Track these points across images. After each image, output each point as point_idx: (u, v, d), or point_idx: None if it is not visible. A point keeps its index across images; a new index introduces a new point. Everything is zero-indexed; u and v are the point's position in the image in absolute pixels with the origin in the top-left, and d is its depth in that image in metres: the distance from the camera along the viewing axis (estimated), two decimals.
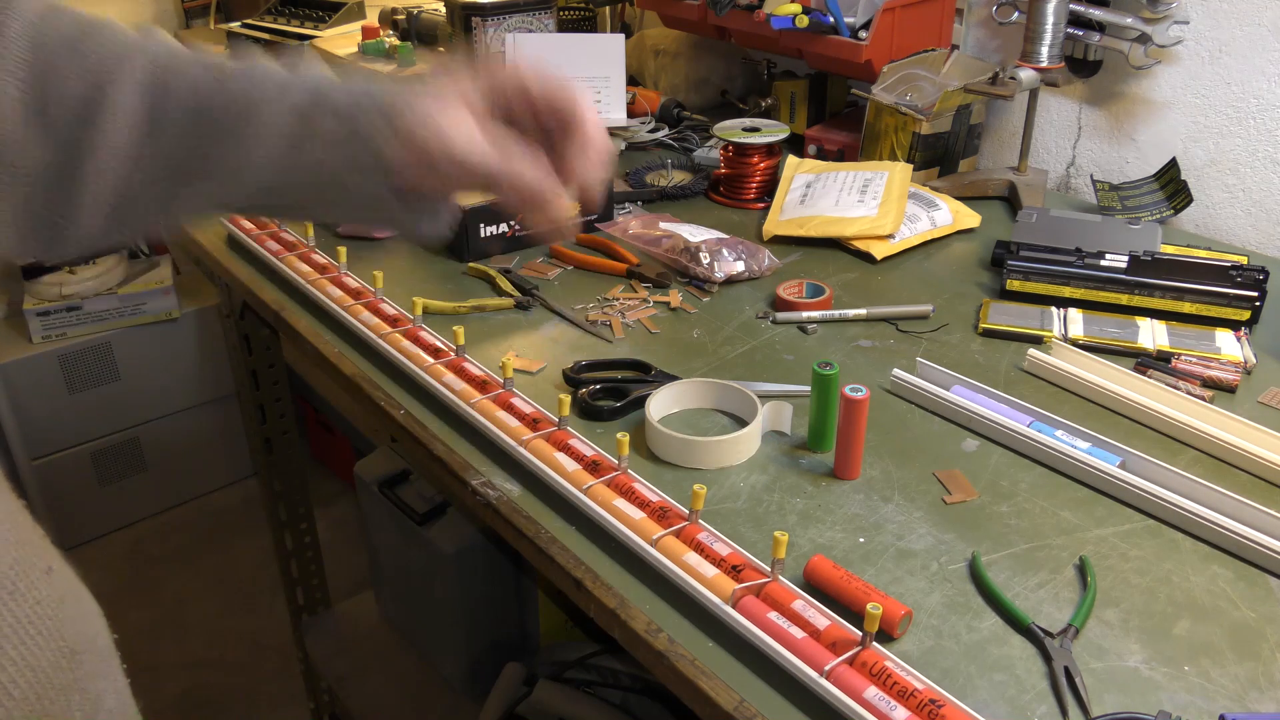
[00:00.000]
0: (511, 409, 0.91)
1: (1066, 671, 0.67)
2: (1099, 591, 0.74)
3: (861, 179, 1.33)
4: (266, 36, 2.03)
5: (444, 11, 1.68)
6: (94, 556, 2.42)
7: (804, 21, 1.41)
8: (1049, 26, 1.31)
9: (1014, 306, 1.11)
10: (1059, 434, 0.88)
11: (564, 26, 1.92)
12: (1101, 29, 1.35)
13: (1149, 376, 0.97)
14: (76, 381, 2.31)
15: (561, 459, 0.85)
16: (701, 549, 0.75)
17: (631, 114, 1.67)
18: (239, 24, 2.16)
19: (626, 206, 1.40)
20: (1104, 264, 1.11)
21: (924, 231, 1.28)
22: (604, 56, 1.60)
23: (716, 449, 0.87)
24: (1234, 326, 1.07)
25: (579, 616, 1.64)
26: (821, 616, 0.69)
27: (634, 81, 1.83)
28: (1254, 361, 1.01)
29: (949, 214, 1.32)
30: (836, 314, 1.10)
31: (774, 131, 1.40)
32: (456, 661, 1.60)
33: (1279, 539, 0.76)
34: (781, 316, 1.11)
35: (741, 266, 1.19)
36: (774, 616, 0.69)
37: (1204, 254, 1.15)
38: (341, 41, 1.88)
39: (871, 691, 0.63)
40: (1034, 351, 1.02)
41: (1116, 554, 0.78)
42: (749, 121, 1.43)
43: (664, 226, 1.26)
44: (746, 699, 0.66)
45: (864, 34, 1.42)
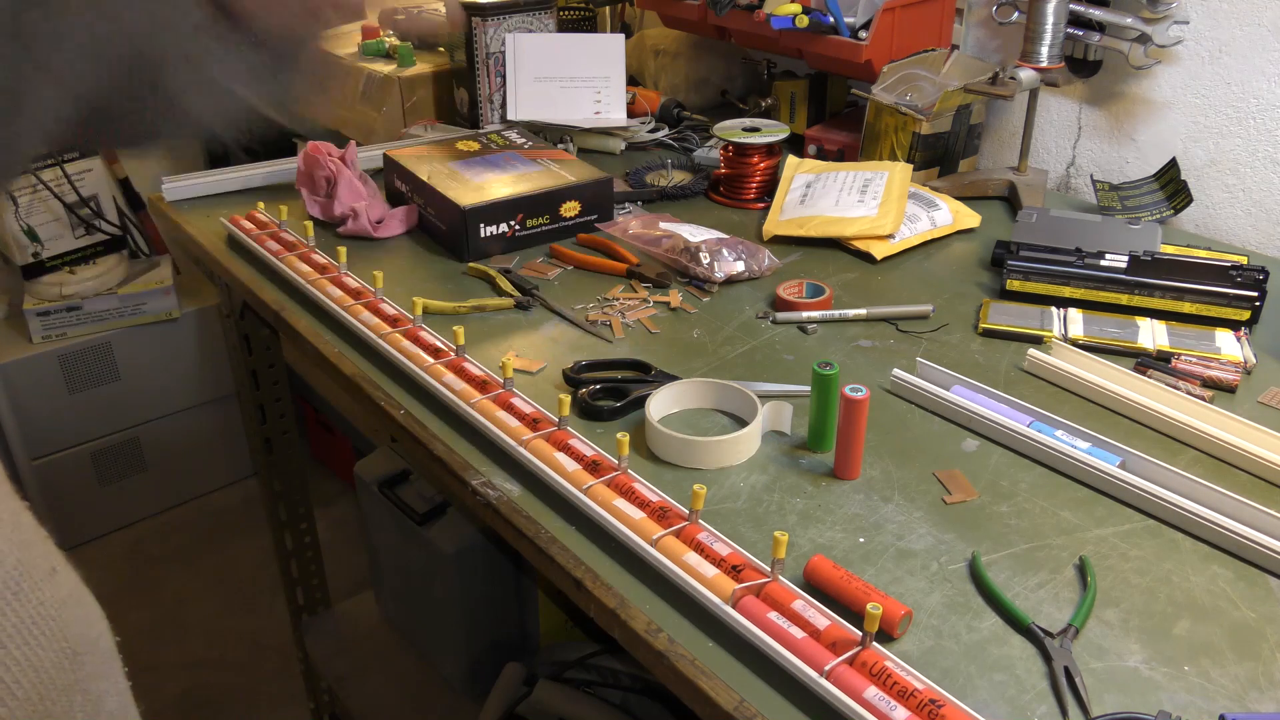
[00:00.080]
0: (511, 409, 0.91)
1: (1066, 671, 0.67)
2: (1099, 591, 0.74)
3: (861, 179, 1.33)
4: None
5: (444, 11, 1.68)
6: (94, 556, 2.42)
7: (804, 21, 1.41)
8: (1049, 26, 1.31)
9: (1014, 306, 1.11)
10: (1059, 434, 0.88)
11: (564, 26, 1.92)
12: (1101, 29, 1.35)
13: (1149, 376, 0.97)
14: (76, 381, 2.31)
15: (561, 459, 0.85)
16: (701, 549, 0.75)
17: (631, 114, 1.67)
18: None
19: (626, 206, 1.40)
20: (1104, 264, 1.11)
21: (924, 231, 1.28)
22: (604, 56, 1.60)
23: (716, 449, 0.87)
24: (1234, 326, 1.07)
25: (579, 616, 1.64)
26: (821, 616, 0.69)
27: (634, 81, 1.83)
28: (1254, 361, 1.01)
29: (949, 214, 1.32)
30: (836, 314, 1.10)
31: (774, 131, 1.40)
32: (456, 661, 1.60)
33: (1279, 539, 0.76)
34: (781, 316, 1.11)
35: (741, 266, 1.19)
36: (774, 616, 0.69)
37: (1204, 254, 1.15)
38: (341, 41, 1.88)
39: (871, 691, 0.63)
40: (1034, 351, 1.02)
41: (1116, 554, 0.78)
42: (749, 121, 1.43)
43: (664, 226, 1.26)
44: (746, 699, 0.66)
45: (864, 34, 1.42)
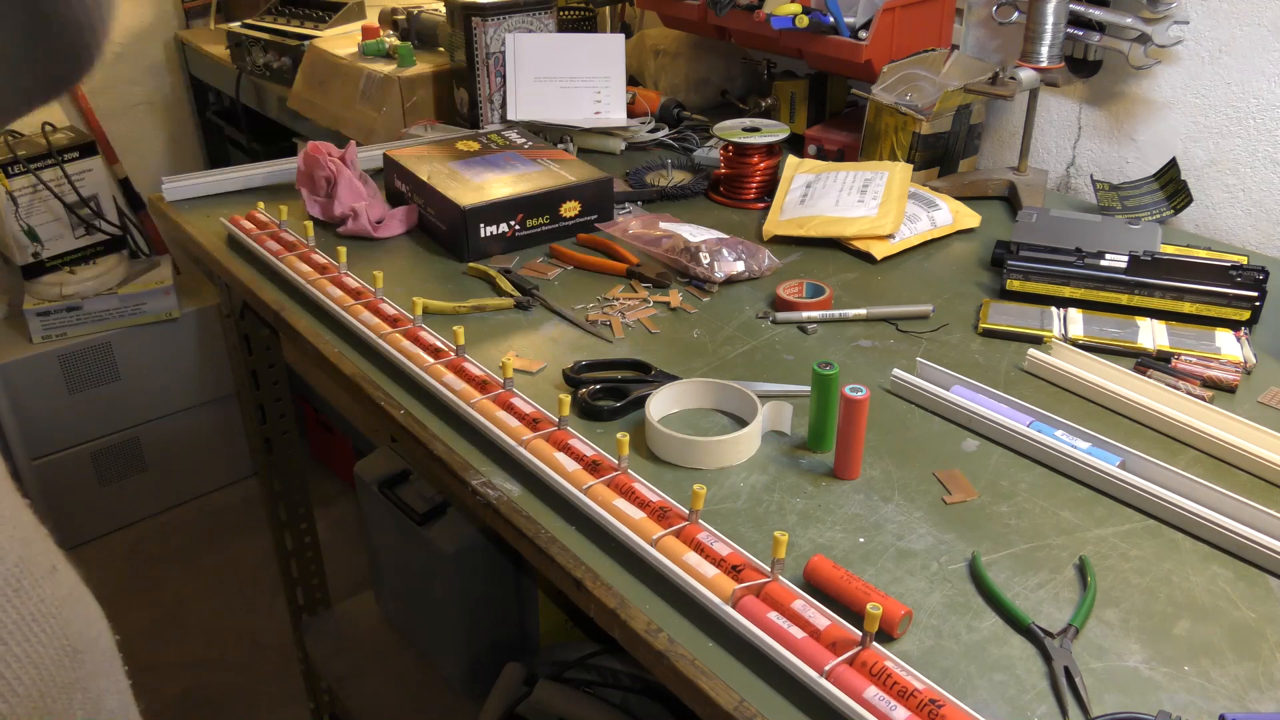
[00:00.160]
0: (511, 409, 0.91)
1: (1066, 671, 0.67)
2: (1099, 591, 0.74)
3: (861, 179, 1.33)
4: (266, 36, 2.03)
5: (444, 11, 1.68)
6: (94, 556, 2.42)
7: (804, 21, 1.41)
8: (1049, 26, 1.31)
9: (1014, 306, 1.11)
10: (1059, 434, 0.88)
11: (564, 26, 1.92)
12: (1101, 29, 1.35)
13: (1149, 376, 0.97)
14: (76, 381, 2.31)
15: (561, 459, 0.85)
16: (701, 549, 0.75)
17: (631, 114, 1.67)
18: (239, 24, 2.15)
19: (626, 206, 1.40)
20: (1104, 264, 1.11)
21: (924, 231, 1.28)
22: (604, 56, 1.60)
23: (716, 449, 0.87)
24: (1234, 326, 1.07)
25: (579, 616, 1.64)
26: (821, 616, 0.69)
27: (634, 81, 1.83)
28: (1254, 361, 1.01)
29: (949, 214, 1.32)
30: (836, 314, 1.10)
31: (774, 131, 1.40)
32: (456, 661, 1.60)
33: (1279, 539, 0.76)
34: (781, 316, 1.11)
35: (741, 266, 1.19)
36: (774, 616, 0.69)
37: (1204, 254, 1.15)
38: (341, 41, 1.88)
39: (871, 691, 0.63)
40: (1034, 351, 1.02)
41: (1116, 554, 0.78)
42: (749, 121, 1.43)
43: (664, 226, 1.26)
44: (746, 699, 0.66)
45: (864, 34, 1.42)
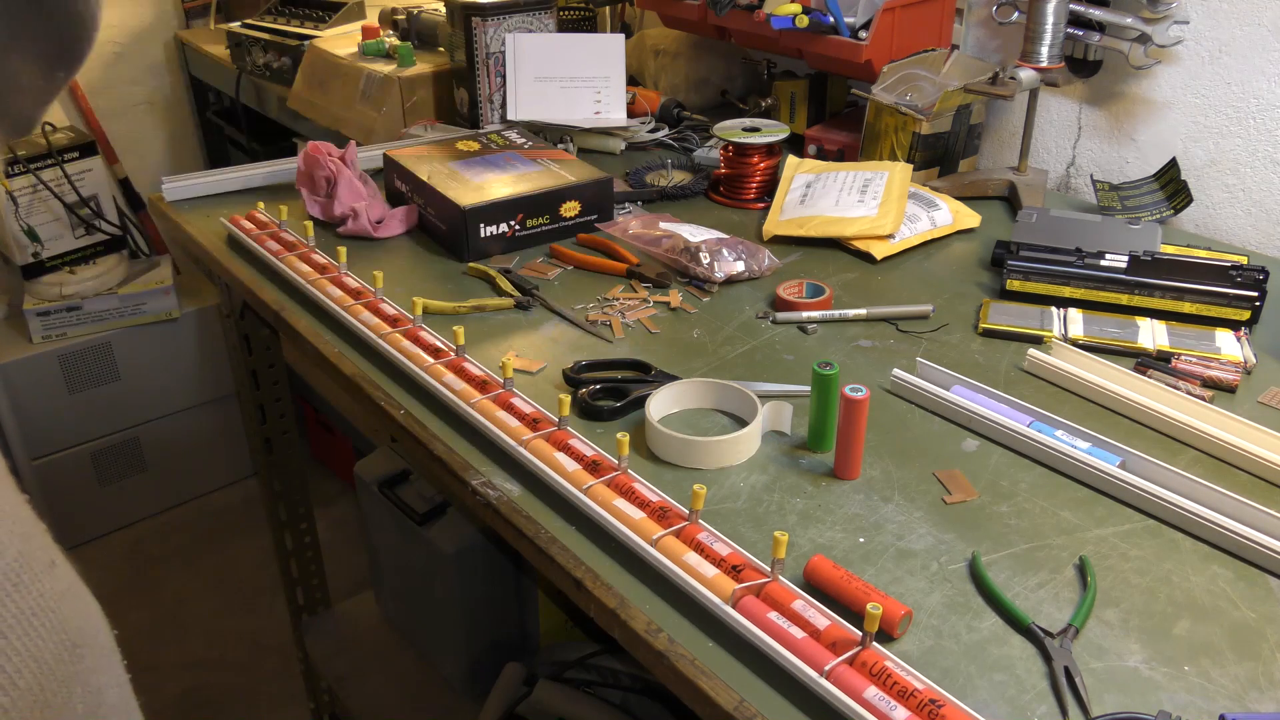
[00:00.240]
0: (511, 409, 0.91)
1: (1066, 671, 0.67)
2: (1099, 591, 0.74)
3: (861, 179, 1.33)
4: (266, 36, 2.03)
5: (444, 11, 1.68)
6: (94, 556, 2.42)
7: (804, 21, 1.41)
8: (1049, 26, 1.31)
9: (1014, 306, 1.11)
10: (1059, 434, 0.88)
11: (564, 26, 1.92)
12: (1101, 29, 1.35)
13: (1149, 376, 0.97)
14: (76, 381, 2.31)
15: (561, 459, 0.85)
16: (701, 549, 0.75)
17: (631, 114, 1.67)
18: (239, 24, 2.15)
19: (626, 206, 1.40)
20: (1104, 264, 1.11)
21: (924, 231, 1.28)
22: (604, 56, 1.60)
23: (716, 449, 0.87)
24: (1234, 326, 1.07)
25: (579, 616, 1.64)
26: (821, 616, 0.69)
27: (634, 81, 1.83)
28: (1254, 361, 1.01)
29: (949, 214, 1.32)
30: (836, 314, 1.10)
31: (774, 131, 1.40)
32: (456, 661, 1.60)
33: (1279, 539, 0.76)
34: (781, 316, 1.11)
35: (741, 266, 1.19)
36: (774, 616, 0.69)
37: (1204, 254, 1.15)
38: (341, 41, 1.88)
39: (871, 691, 0.63)
40: (1034, 351, 1.02)
41: (1116, 554, 0.78)
42: (749, 121, 1.43)
43: (664, 226, 1.26)
44: (746, 699, 0.66)
45: (864, 34, 1.42)
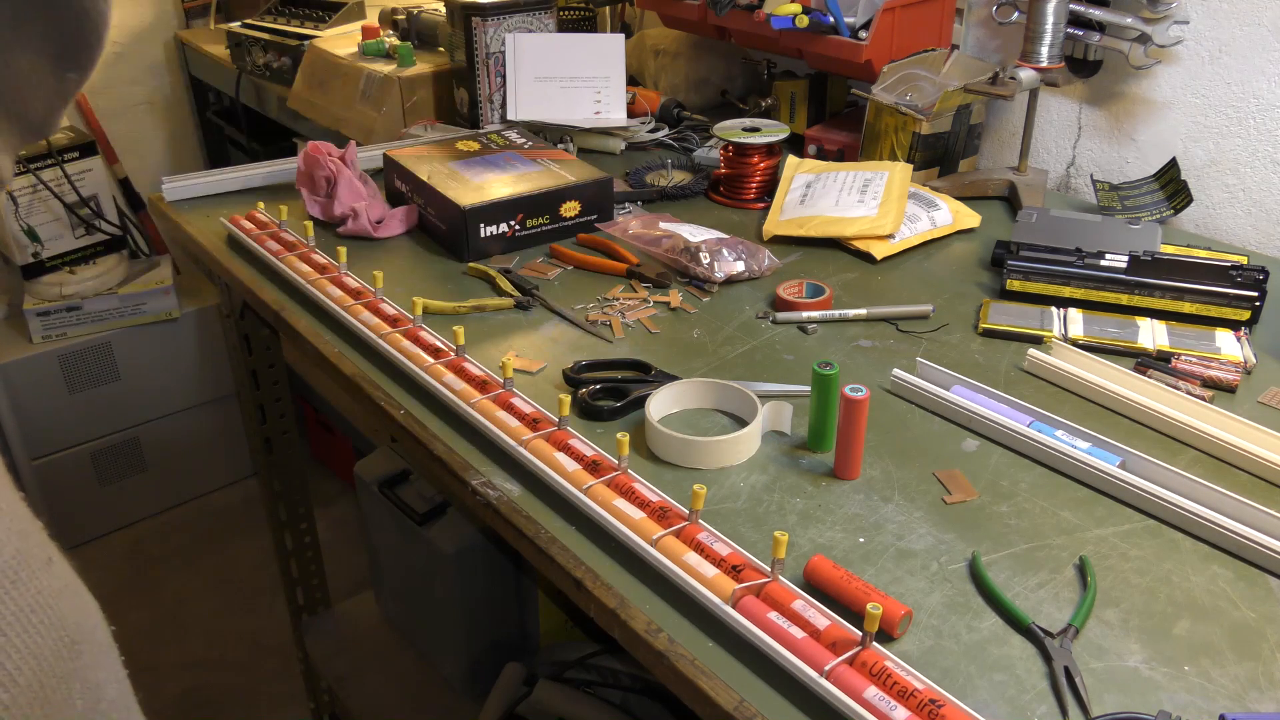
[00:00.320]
0: (511, 409, 0.91)
1: (1066, 671, 0.67)
2: (1099, 591, 0.74)
3: (861, 179, 1.33)
4: (266, 36, 2.03)
5: (444, 11, 1.68)
6: (94, 556, 2.42)
7: (804, 21, 1.41)
8: (1049, 26, 1.31)
9: (1014, 306, 1.11)
10: (1059, 434, 0.88)
11: (564, 26, 1.92)
12: (1101, 29, 1.35)
13: (1149, 376, 0.97)
14: (76, 381, 2.31)
15: (561, 459, 0.85)
16: (701, 549, 0.75)
17: (631, 114, 1.67)
18: (239, 24, 2.15)
19: (626, 206, 1.40)
20: (1104, 264, 1.11)
21: (924, 231, 1.28)
22: (604, 56, 1.60)
23: (716, 449, 0.87)
24: (1234, 326, 1.07)
25: (579, 616, 1.64)
26: (821, 616, 0.69)
27: (634, 81, 1.83)
28: (1254, 361, 1.01)
29: (949, 214, 1.32)
30: (836, 314, 1.10)
31: (774, 131, 1.40)
32: (456, 661, 1.60)
33: (1279, 539, 0.76)
34: (781, 316, 1.11)
35: (741, 266, 1.19)
36: (774, 616, 0.69)
37: (1204, 254, 1.15)
38: (341, 41, 1.88)
39: (871, 691, 0.63)
40: (1034, 351, 1.02)
41: (1116, 554, 0.78)
42: (749, 121, 1.43)
43: (664, 226, 1.26)
44: (746, 699, 0.66)
45: (864, 34, 1.42)
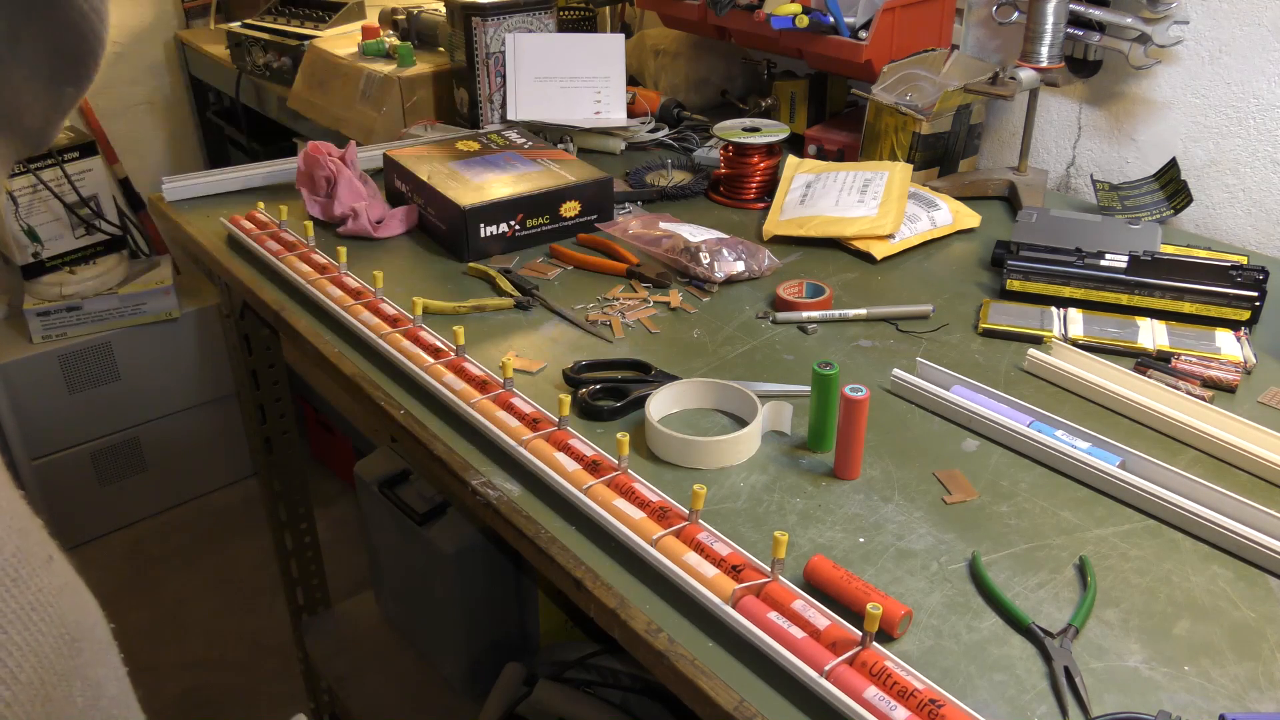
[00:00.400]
0: (511, 409, 0.91)
1: (1066, 671, 0.67)
2: (1099, 591, 0.74)
3: (861, 179, 1.33)
4: (266, 36, 2.03)
5: (444, 11, 1.68)
6: (94, 556, 2.42)
7: (804, 21, 1.41)
8: (1049, 26, 1.31)
9: (1014, 306, 1.11)
10: (1059, 434, 0.88)
11: (564, 26, 1.92)
12: (1101, 29, 1.35)
13: (1149, 376, 0.97)
14: (76, 381, 2.31)
15: (561, 459, 0.85)
16: (701, 549, 0.75)
17: (631, 114, 1.67)
18: (239, 24, 2.15)
19: (626, 206, 1.40)
20: (1104, 264, 1.11)
21: (924, 231, 1.28)
22: (604, 56, 1.60)
23: (716, 449, 0.87)
24: (1234, 326, 1.07)
25: (579, 616, 1.64)
26: (821, 616, 0.69)
27: (634, 81, 1.83)
28: (1254, 361, 1.01)
29: (949, 214, 1.32)
30: (836, 314, 1.10)
31: (774, 131, 1.40)
32: (456, 661, 1.60)
33: (1279, 539, 0.76)
34: (781, 316, 1.11)
35: (741, 266, 1.19)
36: (774, 616, 0.69)
37: (1204, 254, 1.15)
38: (341, 41, 1.88)
39: (871, 691, 0.63)
40: (1034, 351, 1.02)
41: (1116, 554, 0.78)
42: (749, 121, 1.43)
43: (664, 226, 1.26)
44: (746, 699, 0.66)
45: (864, 34, 1.42)
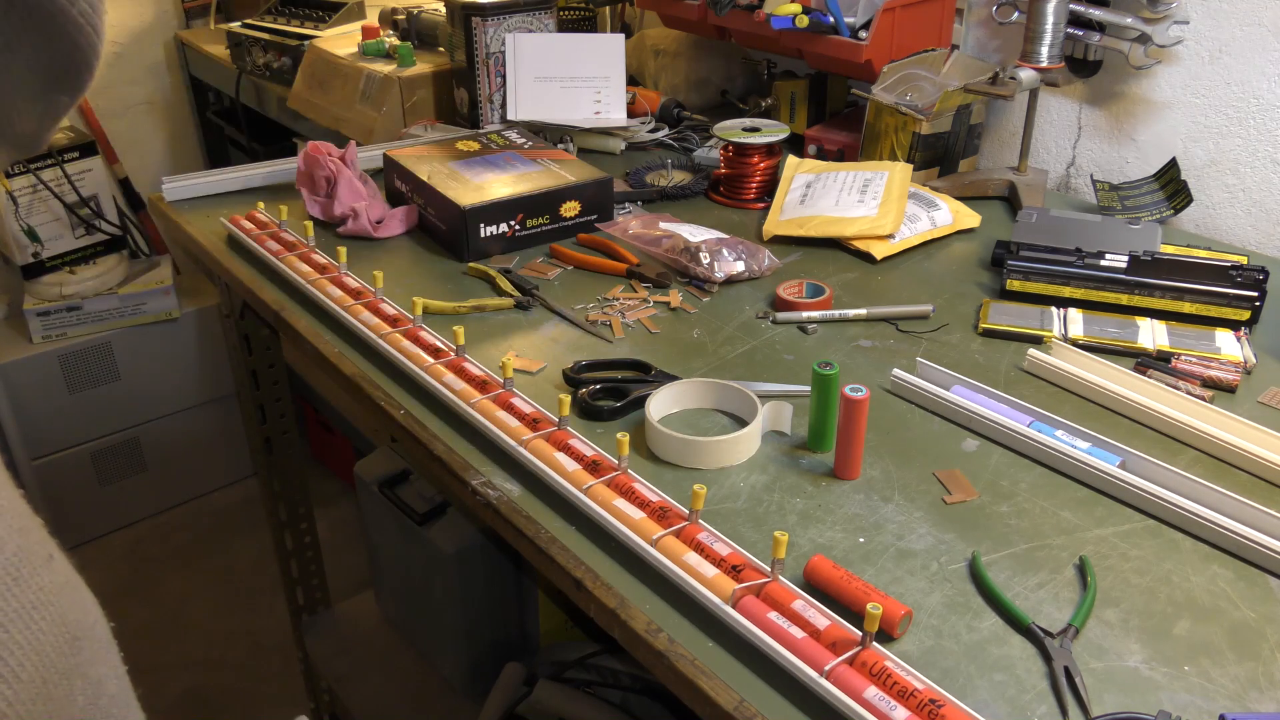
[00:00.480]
0: (511, 409, 0.91)
1: (1066, 671, 0.67)
2: (1099, 591, 0.74)
3: (861, 179, 1.33)
4: (266, 36, 2.03)
5: (444, 11, 1.68)
6: (94, 556, 2.42)
7: (804, 21, 1.41)
8: (1049, 26, 1.31)
9: (1014, 306, 1.11)
10: (1059, 434, 0.88)
11: (564, 26, 1.92)
12: (1101, 29, 1.35)
13: (1149, 376, 0.97)
14: (76, 381, 2.31)
15: (561, 459, 0.85)
16: (701, 549, 0.75)
17: (631, 114, 1.67)
18: (239, 24, 2.15)
19: (626, 206, 1.40)
20: (1104, 264, 1.11)
21: (924, 231, 1.28)
22: (604, 56, 1.60)
23: (716, 449, 0.87)
24: (1234, 326, 1.07)
25: (579, 616, 1.64)
26: (821, 616, 0.69)
27: (634, 81, 1.83)
28: (1254, 361, 1.01)
29: (949, 214, 1.32)
30: (836, 314, 1.10)
31: (774, 131, 1.40)
32: (456, 661, 1.60)
33: (1279, 539, 0.76)
34: (781, 316, 1.11)
35: (741, 266, 1.19)
36: (774, 616, 0.69)
37: (1204, 254, 1.15)
38: (341, 41, 1.88)
39: (871, 691, 0.63)
40: (1034, 351, 1.02)
41: (1116, 554, 0.78)
42: (749, 121, 1.43)
43: (664, 226, 1.26)
44: (746, 699, 0.66)
45: (864, 34, 1.42)
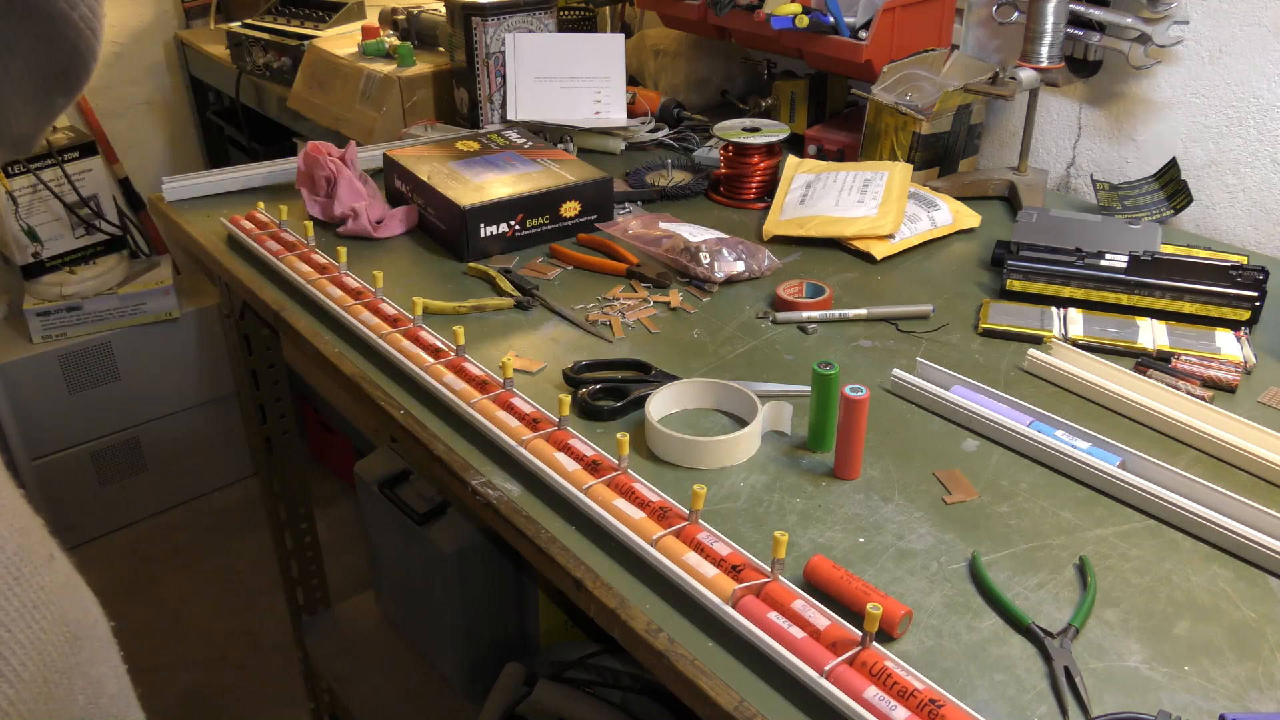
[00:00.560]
0: (511, 409, 0.91)
1: (1066, 671, 0.67)
2: (1099, 591, 0.74)
3: (861, 179, 1.33)
4: (266, 36, 2.03)
5: (444, 11, 1.68)
6: (94, 556, 2.42)
7: (804, 21, 1.41)
8: (1049, 26, 1.31)
9: (1014, 306, 1.11)
10: (1059, 434, 0.88)
11: (564, 26, 1.92)
12: (1101, 29, 1.35)
13: (1149, 376, 0.97)
14: (76, 381, 2.31)
15: (561, 459, 0.85)
16: (701, 549, 0.75)
17: (631, 114, 1.67)
18: (239, 24, 2.15)
19: (626, 206, 1.40)
20: (1104, 264, 1.11)
21: (924, 231, 1.28)
22: (604, 56, 1.60)
23: (716, 449, 0.87)
24: (1234, 326, 1.07)
25: (579, 616, 1.64)
26: (821, 616, 0.69)
27: (634, 81, 1.83)
28: (1254, 361, 1.01)
29: (949, 214, 1.32)
30: (836, 314, 1.10)
31: (774, 131, 1.40)
32: (456, 661, 1.60)
33: (1279, 539, 0.76)
34: (781, 316, 1.11)
35: (741, 266, 1.19)
36: (774, 616, 0.69)
37: (1204, 254, 1.15)
38: (341, 41, 1.88)
39: (871, 691, 0.63)
40: (1034, 351, 1.02)
41: (1116, 554, 0.78)
42: (749, 121, 1.43)
43: (664, 226, 1.26)
44: (746, 699, 0.66)
45: (864, 34, 1.42)
